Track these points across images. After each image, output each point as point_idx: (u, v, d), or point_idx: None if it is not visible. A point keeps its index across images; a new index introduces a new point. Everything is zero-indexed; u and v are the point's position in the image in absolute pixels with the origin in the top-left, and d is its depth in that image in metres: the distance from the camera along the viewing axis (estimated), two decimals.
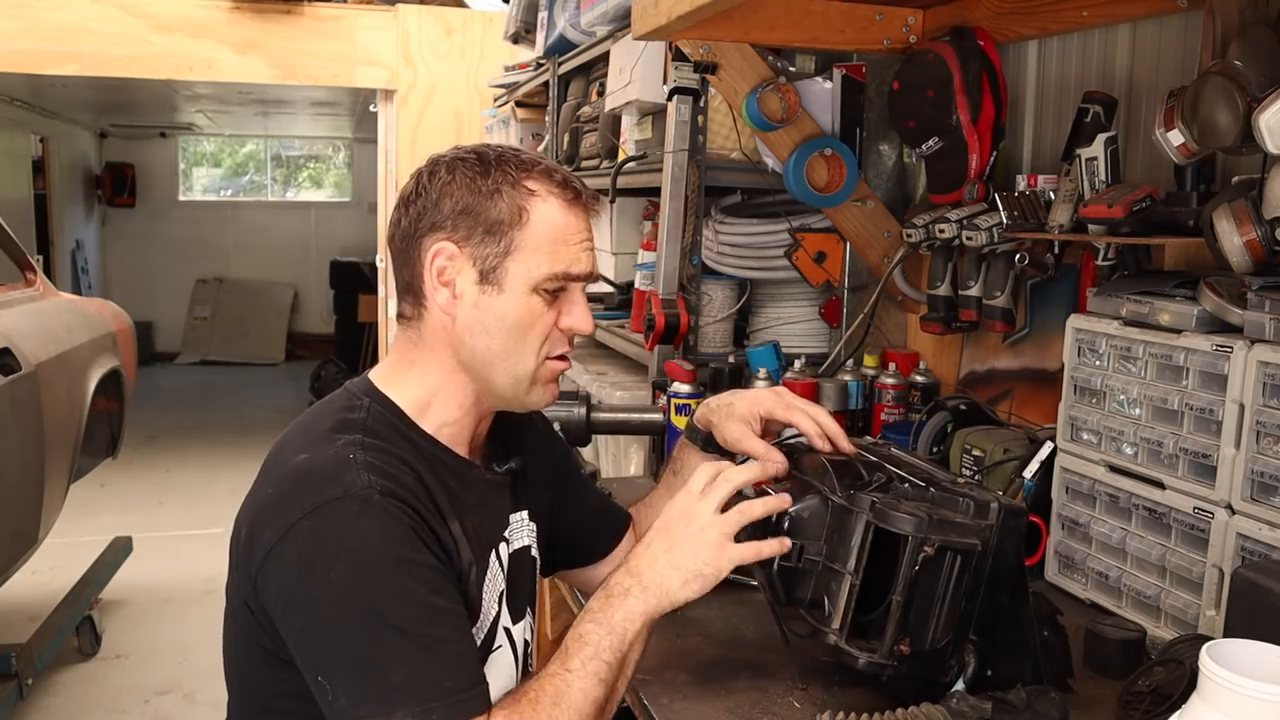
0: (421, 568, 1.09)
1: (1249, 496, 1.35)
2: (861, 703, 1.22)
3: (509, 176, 1.18)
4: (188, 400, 8.71)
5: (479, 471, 1.28)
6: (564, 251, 1.19)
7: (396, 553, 1.07)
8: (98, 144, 10.51)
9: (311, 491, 1.09)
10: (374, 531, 1.07)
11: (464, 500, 1.22)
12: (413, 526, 1.10)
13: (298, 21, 5.61)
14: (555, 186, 1.19)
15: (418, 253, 1.19)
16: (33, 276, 3.88)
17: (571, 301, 1.23)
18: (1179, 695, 1.17)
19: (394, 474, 1.12)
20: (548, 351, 1.22)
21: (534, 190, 1.18)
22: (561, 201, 1.19)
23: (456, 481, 1.22)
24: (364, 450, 1.13)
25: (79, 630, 3.89)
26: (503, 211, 1.17)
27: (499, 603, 1.27)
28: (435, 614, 1.07)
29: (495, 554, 1.27)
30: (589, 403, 2.12)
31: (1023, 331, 2.08)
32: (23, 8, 5.25)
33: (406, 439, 1.19)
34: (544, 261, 1.18)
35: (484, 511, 1.27)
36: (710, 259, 2.53)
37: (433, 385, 1.23)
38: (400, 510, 1.09)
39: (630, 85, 2.55)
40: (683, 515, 1.19)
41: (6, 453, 3.11)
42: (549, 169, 1.20)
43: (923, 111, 2.09)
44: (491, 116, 4.88)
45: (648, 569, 1.17)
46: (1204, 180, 1.58)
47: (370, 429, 1.17)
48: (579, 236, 1.21)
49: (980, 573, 1.20)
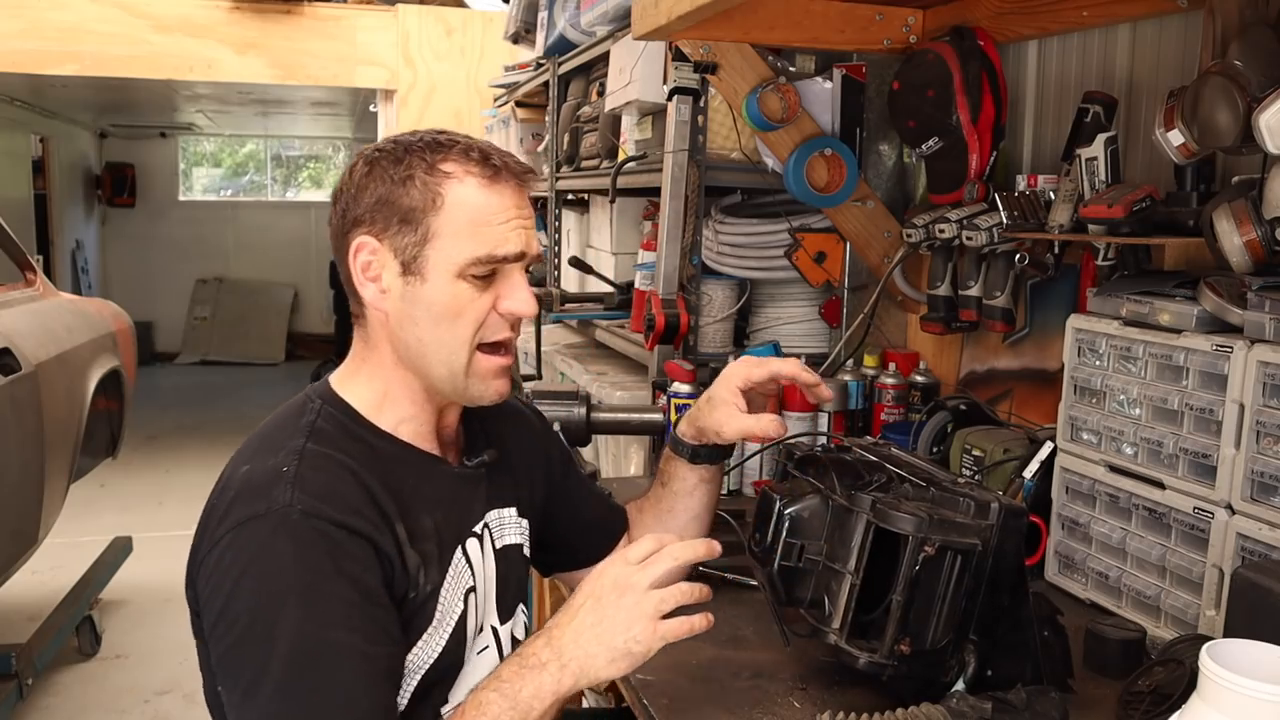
0: (329, 598, 1.04)
1: (1249, 496, 1.35)
2: (861, 703, 1.22)
3: (423, 161, 1.14)
4: (188, 400, 8.71)
5: (447, 466, 1.26)
6: (487, 233, 1.14)
7: (303, 580, 1.04)
8: (98, 144, 10.51)
9: (241, 505, 1.08)
10: (285, 554, 1.05)
11: (425, 496, 1.19)
12: (330, 550, 1.05)
13: (298, 21, 5.61)
14: (473, 165, 1.14)
15: (344, 250, 1.17)
16: (33, 276, 3.88)
17: (510, 284, 1.17)
18: (1179, 695, 1.17)
19: (325, 487, 1.09)
20: (483, 337, 1.18)
21: (449, 172, 1.14)
22: (480, 180, 1.14)
23: (417, 478, 1.19)
24: (301, 460, 1.10)
25: (79, 630, 3.89)
26: (415, 198, 1.13)
27: (464, 600, 1.22)
28: (328, 650, 1.03)
29: (462, 550, 1.24)
30: (589, 403, 2.12)
31: (1023, 331, 2.08)
32: (23, 8, 5.25)
33: (359, 440, 1.17)
34: (465, 246, 1.13)
35: (451, 507, 1.23)
36: (710, 259, 2.53)
37: (382, 383, 1.21)
38: (319, 532, 1.06)
39: (630, 85, 2.55)
40: (616, 586, 1.10)
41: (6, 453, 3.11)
42: (466, 148, 1.15)
43: (923, 111, 2.09)
44: (491, 116, 4.88)
45: (571, 644, 1.08)
46: (1204, 180, 1.58)
47: (318, 433, 1.15)
48: (504, 215, 1.15)
49: (980, 573, 1.20)
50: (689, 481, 1.47)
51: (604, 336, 3.06)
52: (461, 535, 1.24)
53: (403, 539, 1.14)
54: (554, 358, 3.25)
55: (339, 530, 1.07)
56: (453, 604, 1.21)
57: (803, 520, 1.33)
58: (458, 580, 1.22)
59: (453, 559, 1.22)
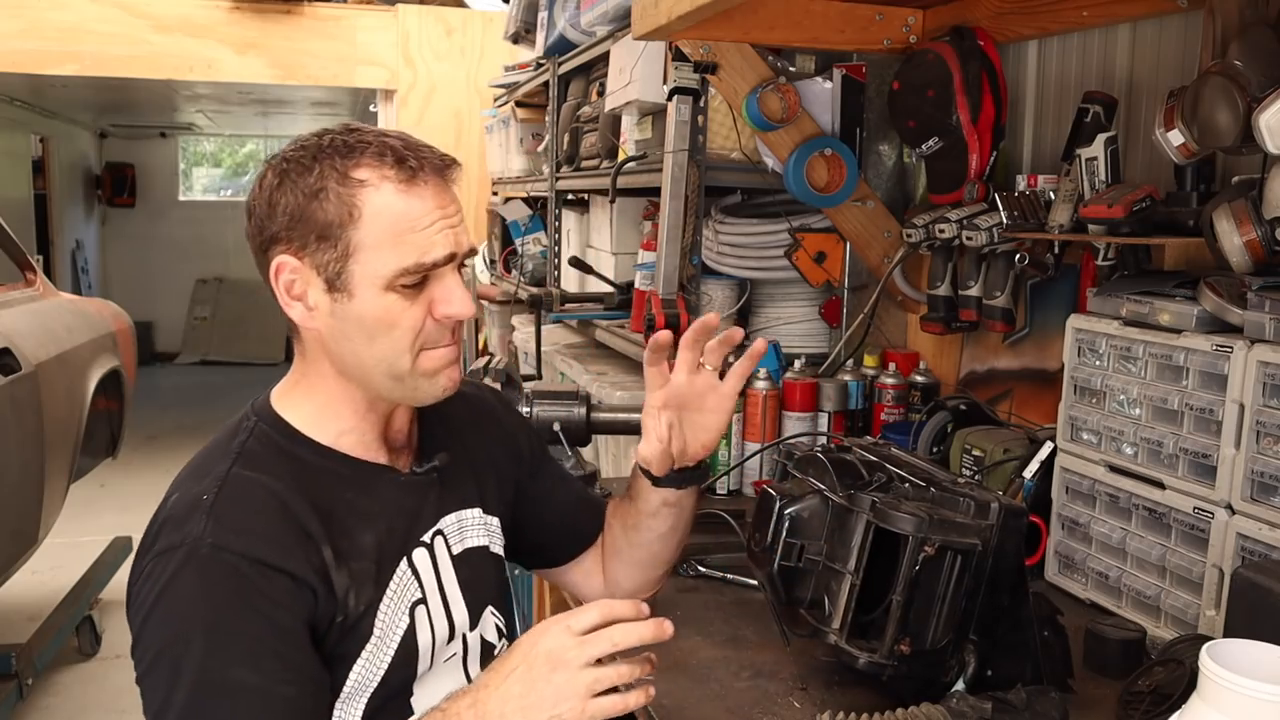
0: (234, 636, 1.03)
1: (1249, 496, 1.35)
2: (861, 703, 1.22)
3: (334, 170, 1.07)
4: (188, 400, 8.71)
5: (393, 475, 1.22)
6: (412, 240, 1.07)
7: (209, 617, 1.03)
8: (98, 144, 10.51)
9: (163, 535, 1.07)
10: (193, 589, 1.03)
11: (363, 512, 1.16)
12: (238, 587, 1.03)
13: (298, 21, 5.61)
14: (388, 169, 1.07)
15: (265, 269, 1.12)
16: (33, 276, 3.88)
17: (443, 287, 1.12)
18: (1179, 695, 1.17)
19: (241, 519, 1.07)
20: (424, 344, 1.12)
21: (364, 180, 1.07)
22: (397, 185, 1.07)
23: (356, 492, 1.16)
24: (223, 488, 1.08)
25: (79, 630, 3.89)
26: (331, 212, 1.07)
27: (409, 614, 1.18)
28: (230, 689, 1.02)
29: (408, 562, 1.20)
30: (589, 403, 2.12)
31: (1023, 331, 2.08)
32: (23, 8, 5.25)
33: (292, 458, 1.14)
34: (389, 257, 1.07)
35: (396, 519, 1.20)
36: (710, 259, 2.53)
37: (323, 395, 1.17)
38: (229, 567, 1.04)
39: (630, 85, 2.55)
40: (550, 659, 1.02)
41: (6, 453, 3.11)
42: (379, 149, 1.08)
43: (923, 111, 2.09)
44: (491, 116, 4.88)
45: (495, 713, 1.02)
46: (1204, 180, 1.58)
47: (247, 455, 1.13)
48: (429, 218, 1.08)
49: (980, 573, 1.20)
50: (652, 502, 1.38)
51: (604, 336, 3.06)
52: (407, 547, 1.20)
53: (328, 562, 1.10)
54: (554, 358, 3.25)
55: (251, 565, 1.04)
56: (394, 619, 1.17)
57: (803, 520, 1.33)
58: (401, 595, 1.18)
59: (395, 573, 1.18)
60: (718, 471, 2.17)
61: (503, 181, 4.57)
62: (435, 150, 1.13)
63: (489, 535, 1.33)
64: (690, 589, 1.69)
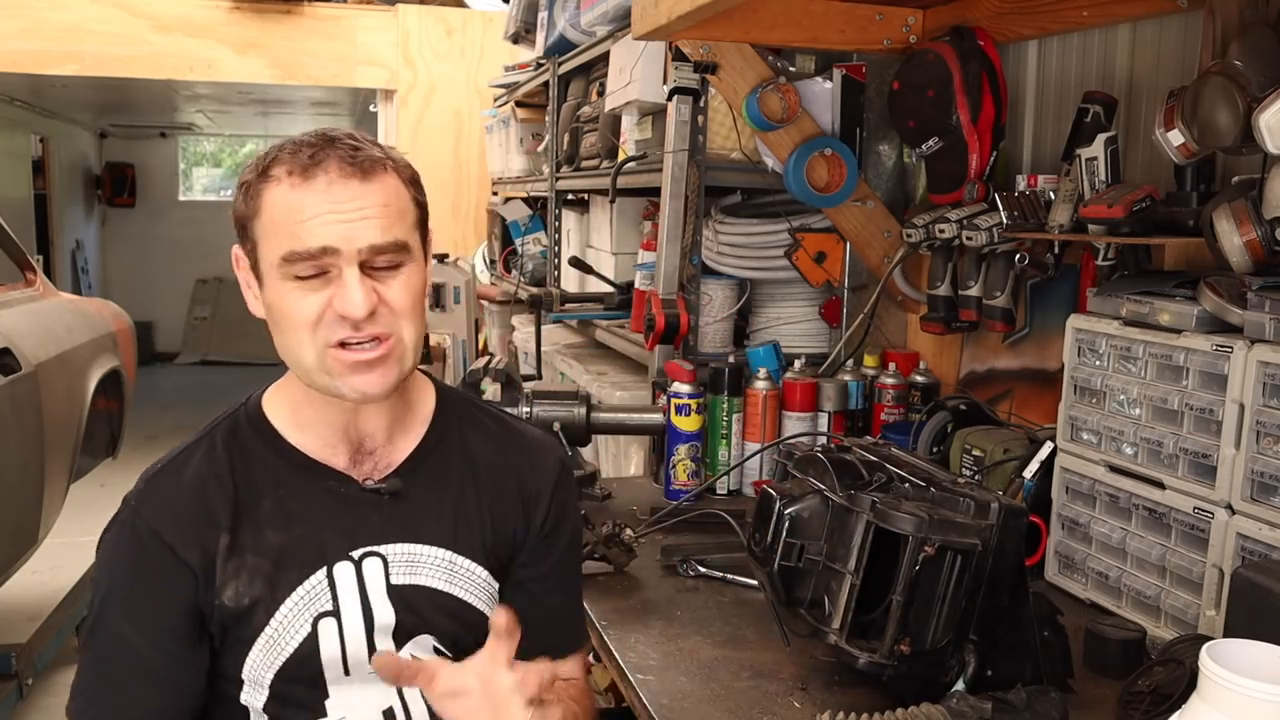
0: (126, 595, 1.16)
1: (1249, 496, 1.35)
2: (861, 703, 1.22)
3: (259, 169, 1.13)
4: (188, 400, 8.69)
5: (345, 484, 1.20)
6: (292, 230, 1.09)
7: (113, 573, 1.18)
8: (98, 144, 10.50)
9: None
10: (109, 545, 1.18)
11: (287, 512, 1.17)
12: (138, 554, 1.15)
13: (298, 21, 5.61)
14: (293, 165, 1.10)
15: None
16: (33, 276, 3.88)
17: (341, 283, 1.10)
18: (1179, 695, 1.17)
19: (161, 492, 1.17)
20: (325, 339, 1.11)
21: (272, 176, 1.11)
22: (293, 180, 1.10)
23: (291, 490, 1.18)
24: (168, 463, 1.20)
25: (79, 630, 3.87)
26: (243, 207, 1.14)
27: (313, 624, 1.16)
28: (113, 643, 1.16)
29: (327, 573, 1.17)
30: (589, 403, 2.12)
31: (1023, 331, 2.08)
32: (23, 8, 5.25)
33: (243, 446, 1.20)
34: (275, 247, 1.10)
35: (323, 527, 1.18)
36: (710, 259, 2.53)
37: (296, 388, 1.21)
38: (136, 533, 1.16)
39: (630, 85, 2.55)
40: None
41: (6, 453, 3.11)
42: (295, 148, 1.11)
43: (923, 111, 2.09)
44: (491, 116, 4.88)
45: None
46: (1204, 180, 1.58)
47: (214, 436, 1.21)
48: (312, 211, 1.09)
49: (980, 573, 1.21)
50: None
51: (604, 336, 3.06)
52: (329, 558, 1.18)
53: (218, 551, 1.15)
54: (554, 358, 3.26)
55: (150, 536, 1.15)
56: (293, 623, 1.16)
57: (803, 520, 1.33)
58: (306, 601, 1.16)
59: (308, 580, 1.17)
60: (718, 471, 2.18)
61: (503, 181, 4.58)
62: (357, 147, 1.12)
63: (453, 580, 1.22)
64: (690, 589, 1.69)
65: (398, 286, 1.13)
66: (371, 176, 1.11)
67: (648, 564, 1.76)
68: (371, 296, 1.10)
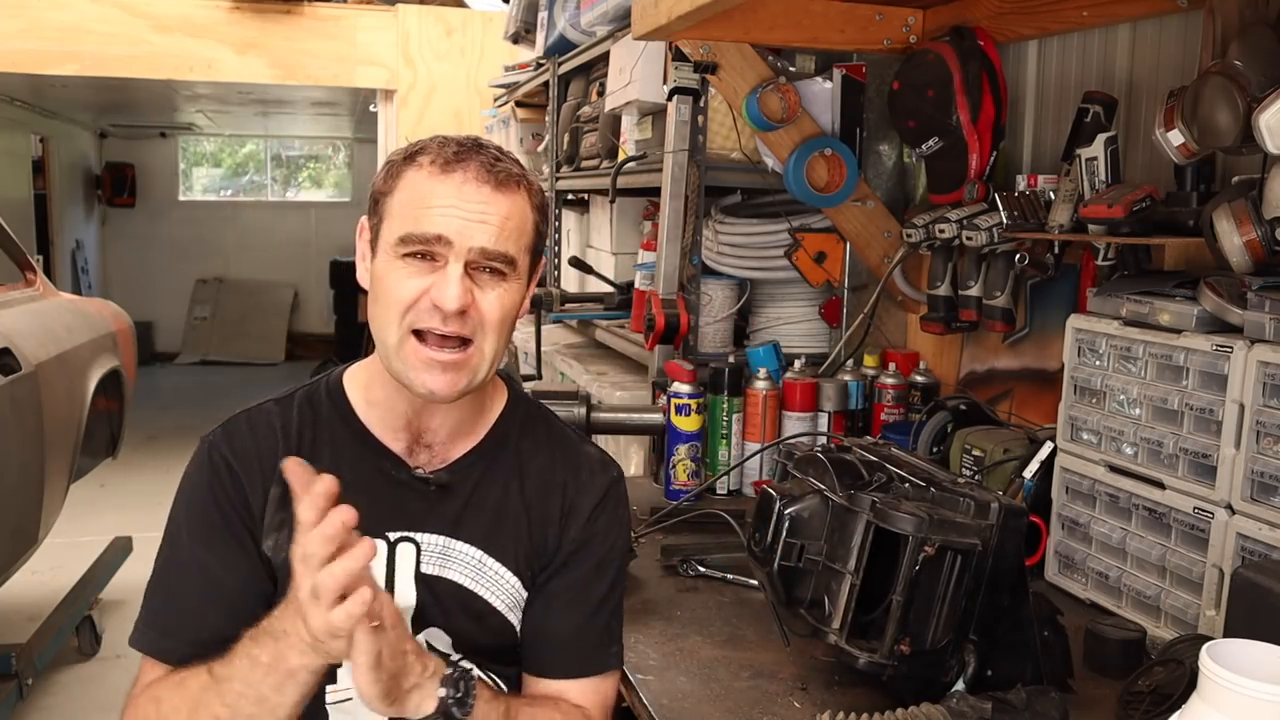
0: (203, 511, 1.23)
1: (1249, 496, 1.35)
2: (861, 703, 1.22)
3: (407, 153, 1.20)
4: (188, 400, 8.70)
5: (397, 468, 1.23)
6: (420, 214, 1.15)
7: (191, 495, 1.25)
8: (98, 144, 10.50)
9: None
10: (191, 472, 1.26)
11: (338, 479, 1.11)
12: (214, 477, 1.23)
13: (298, 21, 5.61)
14: (438, 156, 1.17)
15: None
16: (33, 276, 3.88)
17: (442, 274, 1.14)
18: (1179, 695, 1.17)
19: (243, 431, 1.25)
20: (412, 322, 1.15)
21: (417, 161, 1.18)
22: (434, 168, 1.16)
23: (348, 462, 1.22)
24: (254, 410, 1.28)
25: (79, 630, 3.88)
26: (382, 184, 1.20)
27: None
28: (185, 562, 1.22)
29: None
30: (589, 403, 2.12)
31: (1023, 331, 2.08)
32: (23, 8, 5.25)
33: (318, 412, 1.27)
34: (400, 224, 1.16)
35: (367, 504, 1.09)
36: (710, 259, 2.53)
37: (376, 365, 1.25)
38: (213, 462, 1.24)
39: (630, 85, 2.55)
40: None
41: (6, 453, 3.11)
42: (445, 141, 1.19)
43: (923, 111, 2.09)
44: (491, 116, 4.88)
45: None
46: (1204, 180, 1.58)
47: (294, 399, 1.29)
48: (442, 200, 1.14)
49: (980, 573, 1.21)
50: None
51: (604, 336, 3.06)
52: (364, 531, 1.13)
53: (273, 500, 1.21)
54: (554, 358, 3.26)
55: (224, 466, 1.23)
56: None
57: (803, 520, 1.33)
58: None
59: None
60: (718, 471, 2.18)
61: None
62: (499, 159, 1.19)
63: (482, 582, 1.24)
64: (690, 589, 1.69)
65: (494, 297, 1.17)
66: (503, 188, 1.17)
67: (648, 564, 1.76)
68: (467, 296, 1.15)
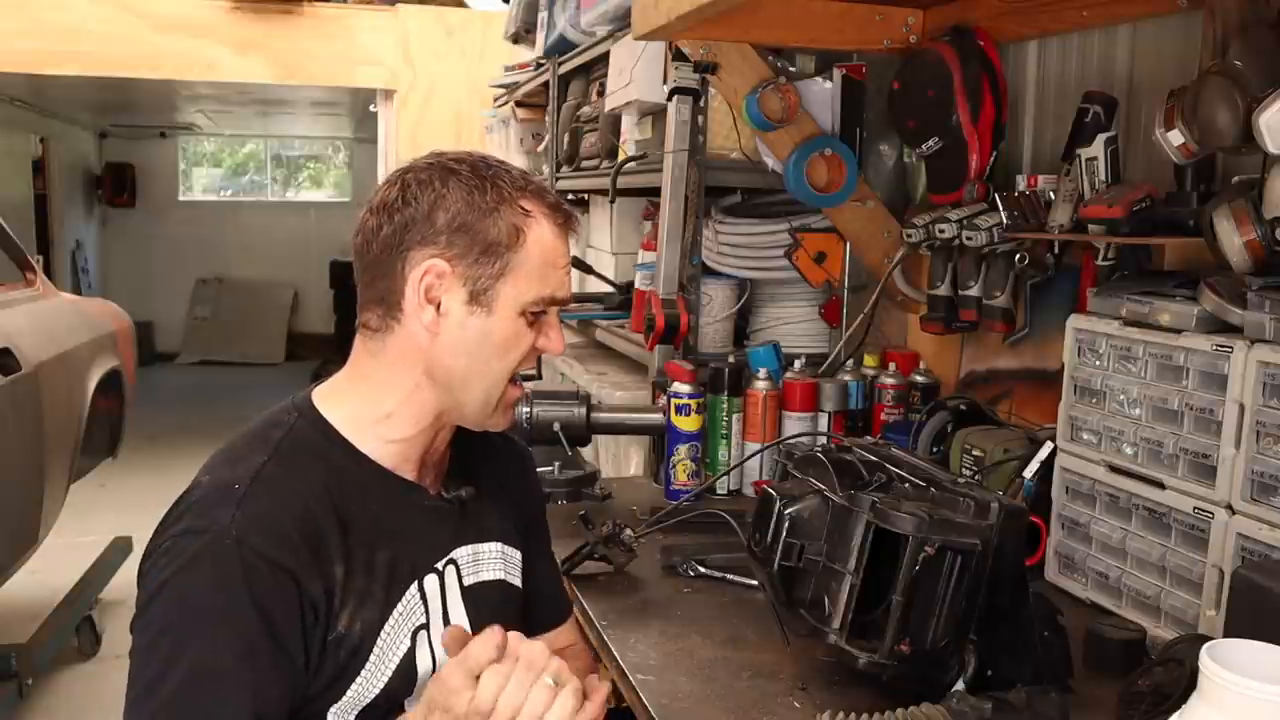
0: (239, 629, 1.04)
1: (1249, 496, 1.35)
2: (861, 703, 1.22)
3: (505, 194, 1.15)
4: (188, 400, 8.70)
5: (418, 496, 1.23)
6: (552, 275, 1.18)
7: (218, 606, 1.05)
8: (98, 144, 10.50)
9: (190, 516, 1.09)
10: (208, 576, 1.05)
11: (386, 528, 1.16)
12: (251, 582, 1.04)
13: (298, 21, 5.62)
14: (547, 209, 1.18)
15: (402, 267, 1.14)
16: (33, 276, 3.88)
17: (549, 324, 1.21)
18: (1179, 695, 1.17)
19: (268, 515, 1.08)
20: (512, 372, 1.21)
21: (529, 211, 1.16)
22: (553, 225, 1.18)
23: (382, 506, 1.17)
24: (254, 482, 1.10)
25: (79, 630, 3.88)
26: (501, 232, 1.14)
27: (411, 638, 1.18)
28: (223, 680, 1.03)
29: (419, 586, 1.20)
30: (589, 403, 2.12)
31: (1023, 331, 2.08)
32: (23, 8, 5.25)
33: (326, 460, 1.16)
34: (534, 285, 1.16)
35: (414, 541, 1.20)
36: (710, 259, 2.53)
37: (390, 401, 1.18)
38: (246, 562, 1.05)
39: (630, 85, 2.55)
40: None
41: (6, 453, 3.11)
42: (540, 189, 1.19)
43: (923, 111, 2.09)
44: (491, 117, 4.88)
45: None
46: (1204, 180, 1.58)
47: (284, 451, 1.14)
48: (564, 260, 1.20)
49: (980, 573, 1.20)
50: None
51: (604, 336, 3.06)
52: (419, 570, 1.21)
53: (337, 580, 1.11)
54: (554, 358, 3.25)
55: (268, 565, 1.06)
56: (396, 640, 1.17)
57: (803, 520, 1.33)
58: (406, 617, 1.18)
59: (404, 595, 1.18)
60: (718, 471, 2.18)
61: None
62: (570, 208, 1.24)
63: (507, 568, 1.33)
64: (690, 589, 1.69)
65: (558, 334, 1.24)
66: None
67: (648, 564, 1.76)
68: None
